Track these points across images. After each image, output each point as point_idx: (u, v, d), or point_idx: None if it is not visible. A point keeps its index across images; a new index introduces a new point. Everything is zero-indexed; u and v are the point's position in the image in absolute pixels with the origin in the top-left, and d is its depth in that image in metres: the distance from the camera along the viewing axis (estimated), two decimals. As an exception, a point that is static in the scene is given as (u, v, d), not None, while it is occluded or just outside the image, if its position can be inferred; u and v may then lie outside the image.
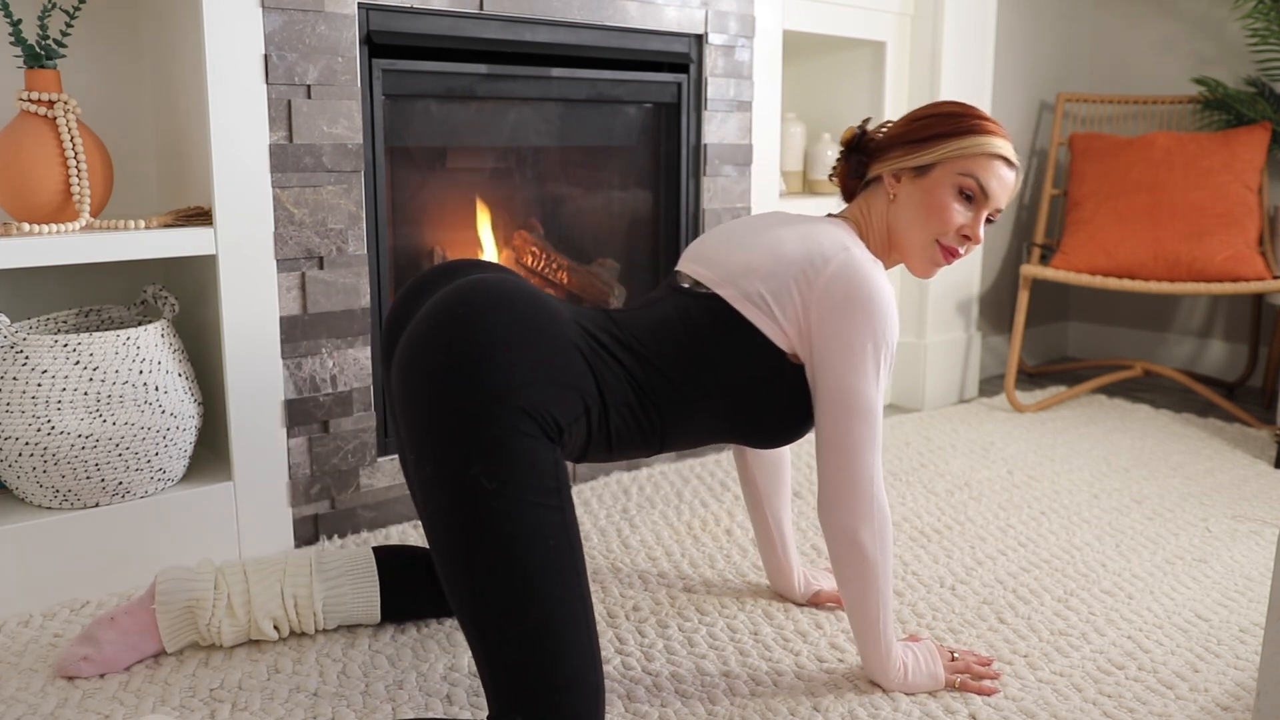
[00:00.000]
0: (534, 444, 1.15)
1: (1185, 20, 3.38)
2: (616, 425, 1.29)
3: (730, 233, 1.43)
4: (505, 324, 1.19)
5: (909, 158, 1.40)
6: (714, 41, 2.34)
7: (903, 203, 1.42)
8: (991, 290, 3.41)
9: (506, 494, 1.13)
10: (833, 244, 1.33)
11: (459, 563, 1.15)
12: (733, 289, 1.34)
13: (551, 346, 1.22)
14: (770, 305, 1.32)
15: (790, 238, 1.36)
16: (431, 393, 1.16)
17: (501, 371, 1.16)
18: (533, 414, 1.16)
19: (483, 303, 1.21)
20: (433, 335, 1.19)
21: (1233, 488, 2.28)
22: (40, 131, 1.63)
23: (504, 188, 2.28)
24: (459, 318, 1.19)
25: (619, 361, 1.30)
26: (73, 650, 1.42)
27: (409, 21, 1.90)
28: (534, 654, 1.13)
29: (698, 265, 1.41)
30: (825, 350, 1.31)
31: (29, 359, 1.58)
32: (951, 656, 1.46)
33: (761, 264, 1.34)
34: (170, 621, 1.44)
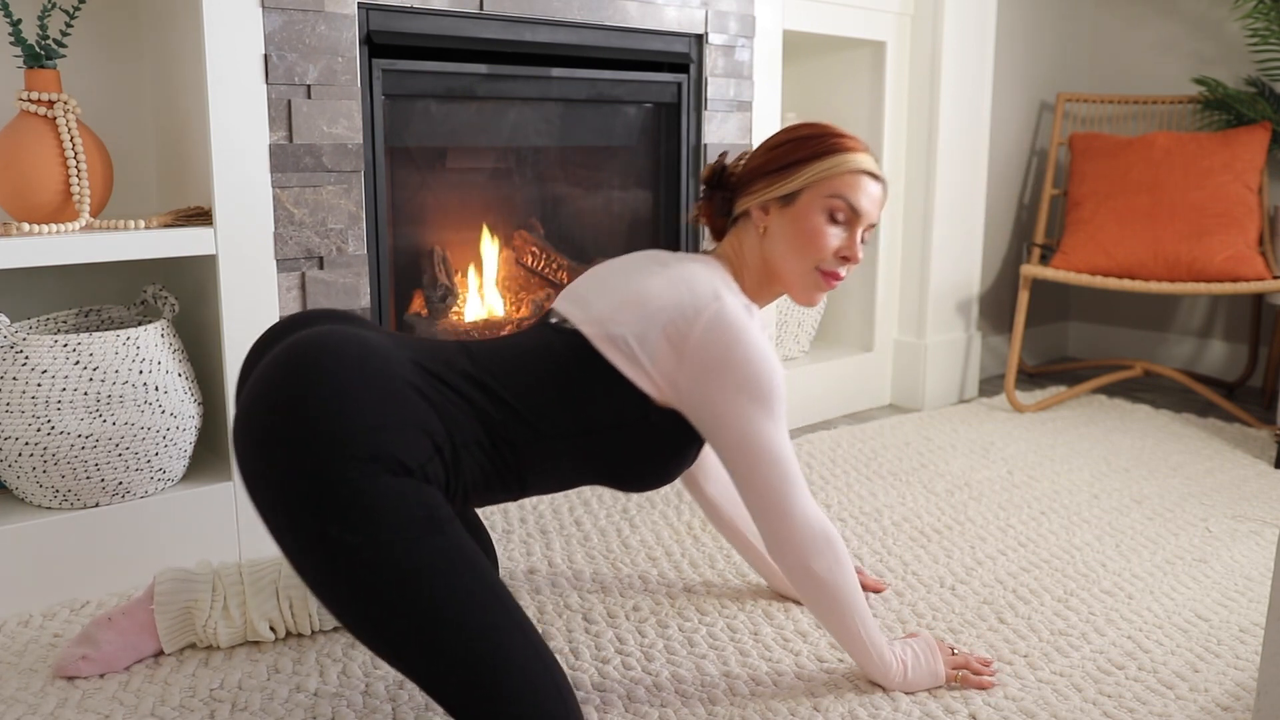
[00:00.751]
0: (385, 482, 1.09)
1: (1185, 20, 3.38)
2: (469, 466, 1.22)
3: (604, 273, 1.39)
4: (328, 377, 1.13)
5: (773, 188, 1.38)
6: (714, 41, 2.34)
7: (774, 234, 1.39)
8: (991, 290, 3.41)
9: (374, 542, 1.07)
10: (704, 292, 1.29)
11: (362, 624, 1.11)
12: (597, 329, 1.30)
13: (383, 389, 1.15)
14: (635, 351, 1.27)
15: (659, 283, 1.31)
16: (266, 465, 1.10)
17: (330, 424, 1.09)
18: (375, 457, 1.09)
19: (301, 361, 1.15)
20: (255, 406, 1.13)
21: (1233, 488, 2.28)
22: (40, 131, 1.63)
23: (504, 188, 2.28)
24: (277, 382, 1.13)
25: (465, 398, 1.23)
26: (71, 650, 1.42)
27: (409, 21, 1.90)
28: (475, 677, 1.10)
29: (568, 303, 1.36)
30: (710, 412, 1.28)
31: (29, 359, 1.58)
32: (952, 651, 1.46)
33: (629, 308, 1.30)
34: (168, 623, 1.45)
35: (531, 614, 1.63)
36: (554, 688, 1.13)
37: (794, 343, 2.83)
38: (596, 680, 1.44)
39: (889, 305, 2.98)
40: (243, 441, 1.13)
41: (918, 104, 2.87)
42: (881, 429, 2.73)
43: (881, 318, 2.96)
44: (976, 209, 3.01)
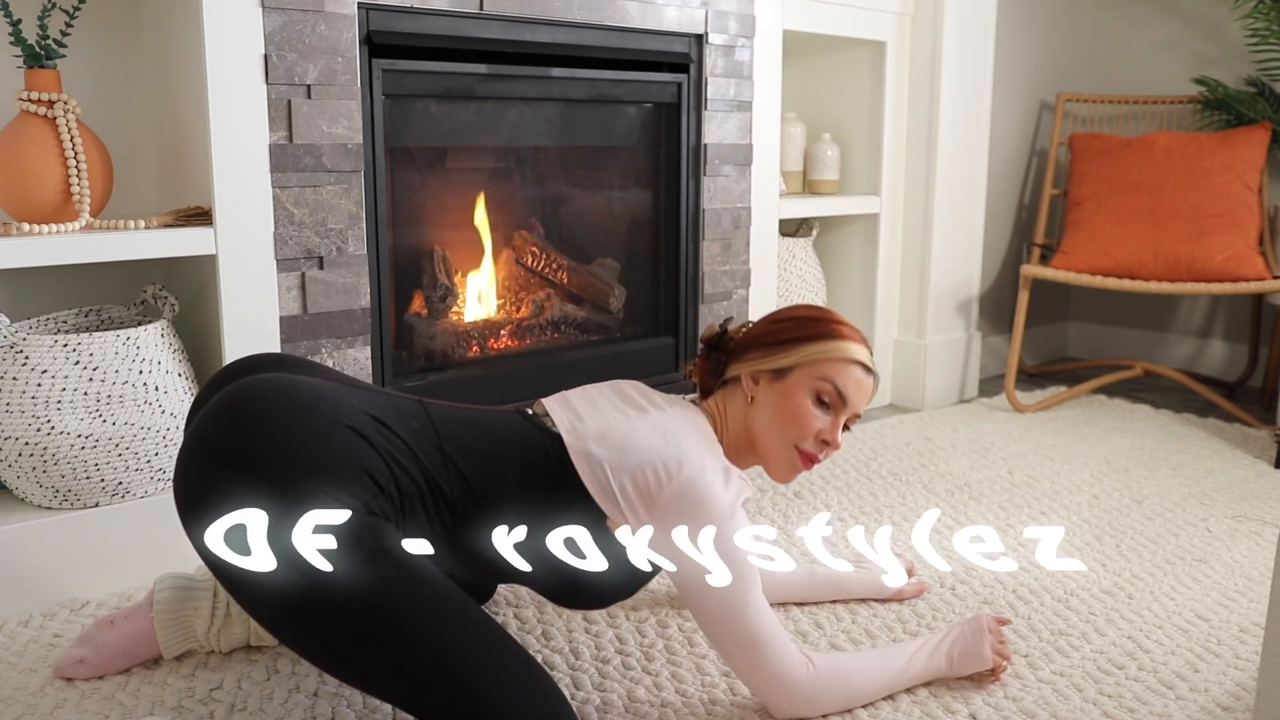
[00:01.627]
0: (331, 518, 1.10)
1: (1185, 20, 3.38)
2: (411, 515, 1.21)
3: (595, 394, 1.39)
4: (259, 424, 1.14)
5: (767, 360, 1.40)
6: (714, 41, 2.34)
7: (760, 405, 1.40)
8: (991, 290, 3.41)
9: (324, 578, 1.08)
10: (686, 452, 1.28)
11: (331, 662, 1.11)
12: (578, 442, 1.29)
13: (318, 431, 1.16)
14: (608, 478, 1.27)
15: (643, 426, 1.31)
16: (205, 516, 1.10)
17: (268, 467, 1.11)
18: (310, 498, 1.10)
19: (236, 411, 1.16)
20: (190, 460, 1.15)
21: (1233, 488, 2.28)
22: (40, 131, 1.63)
23: (504, 188, 2.28)
24: (210, 435, 1.15)
25: (413, 451, 1.23)
26: (70, 652, 1.42)
27: (409, 21, 1.90)
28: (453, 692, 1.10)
29: (557, 406, 1.36)
30: (690, 585, 1.26)
31: (29, 359, 1.58)
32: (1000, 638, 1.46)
33: (611, 438, 1.29)
34: (168, 630, 1.43)
35: (531, 614, 1.63)
36: (533, 687, 1.13)
37: (794, 343, 2.83)
38: (596, 680, 1.44)
39: (889, 305, 2.98)
40: (184, 494, 1.14)
41: (918, 104, 2.87)
42: (881, 429, 2.73)
43: (881, 318, 2.96)
44: (976, 209, 3.01)
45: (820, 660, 1.32)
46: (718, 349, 1.47)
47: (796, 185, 2.88)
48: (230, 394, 1.20)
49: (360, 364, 1.90)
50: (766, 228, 2.55)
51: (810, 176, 2.90)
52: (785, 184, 2.83)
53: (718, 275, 2.45)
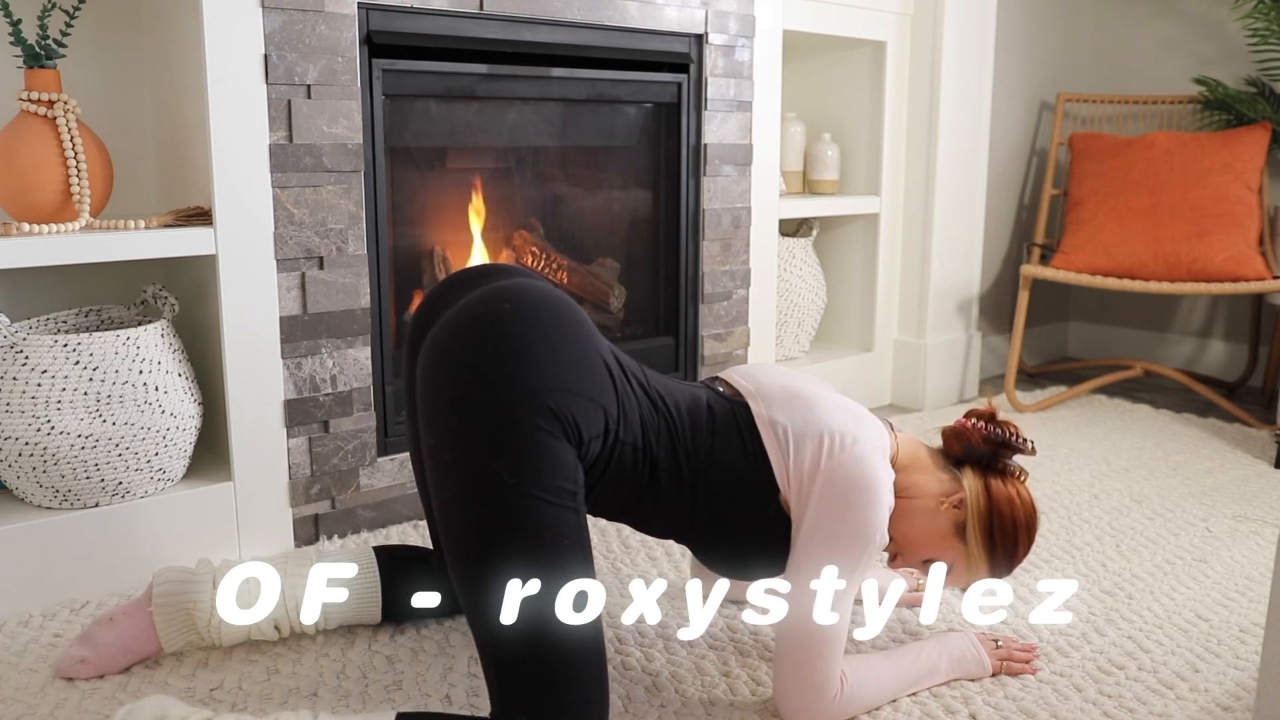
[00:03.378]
0: (558, 444, 1.16)
1: (1185, 20, 3.38)
2: (617, 459, 1.27)
3: (779, 370, 1.44)
4: (547, 327, 1.20)
5: (973, 534, 1.37)
6: (714, 41, 2.34)
7: (925, 514, 1.38)
8: (991, 290, 3.41)
9: (527, 490, 1.13)
10: (867, 435, 1.32)
11: (470, 555, 1.15)
12: (763, 407, 1.34)
13: (586, 359, 1.22)
14: (788, 443, 1.31)
15: (833, 400, 1.37)
16: (466, 380, 1.16)
17: (537, 370, 1.16)
18: (559, 416, 1.16)
19: (528, 303, 1.21)
20: (475, 325, 1.19)
21: (1233, 488, 2.28)
22: (40, 131, 1.63)
23: (504, 188, 2.28)
24: (504, 313, 1.20)
25: (639, 402, 1.29)
26: (71, 652, 1.42)
27: (409, 21, 1.90)
28: (540, 653, 1.13)
29: (739, 377, 1.42)
30: (804, 539, 1.29)
31: (29, 359, 1.58)
32: (995, 644, 1.49)
33: (799, 404, 1.34)
34: (168, 623, 1.44)
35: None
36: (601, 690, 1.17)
37: (794, 343, 2.83)
38: (596, 680, 1.44)
39: (889, 305, 2.98)
40: (450, 353, 1.19)
41: (918, 104, 2.87)
42: (881, 429, 2.72)
43: (881, 318, 2.96)
44: (976, 209, 3.01)
45: (850, 680, 1.33)
46: (992, 444, 1.39)
47: (796, 185, 2.88)
48: (525, 286, 1.25)
49: (360, 364, 1.90)
50: (766, 228, 2.55)
51: (810, 176, 2.90)
52: (785, 184, 2.83)
53: (718, 275, 2.45)
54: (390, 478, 1.98)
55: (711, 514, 1.33)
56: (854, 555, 1.27)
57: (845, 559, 1.27)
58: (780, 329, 2.77)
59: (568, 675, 1.14)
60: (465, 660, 1.48)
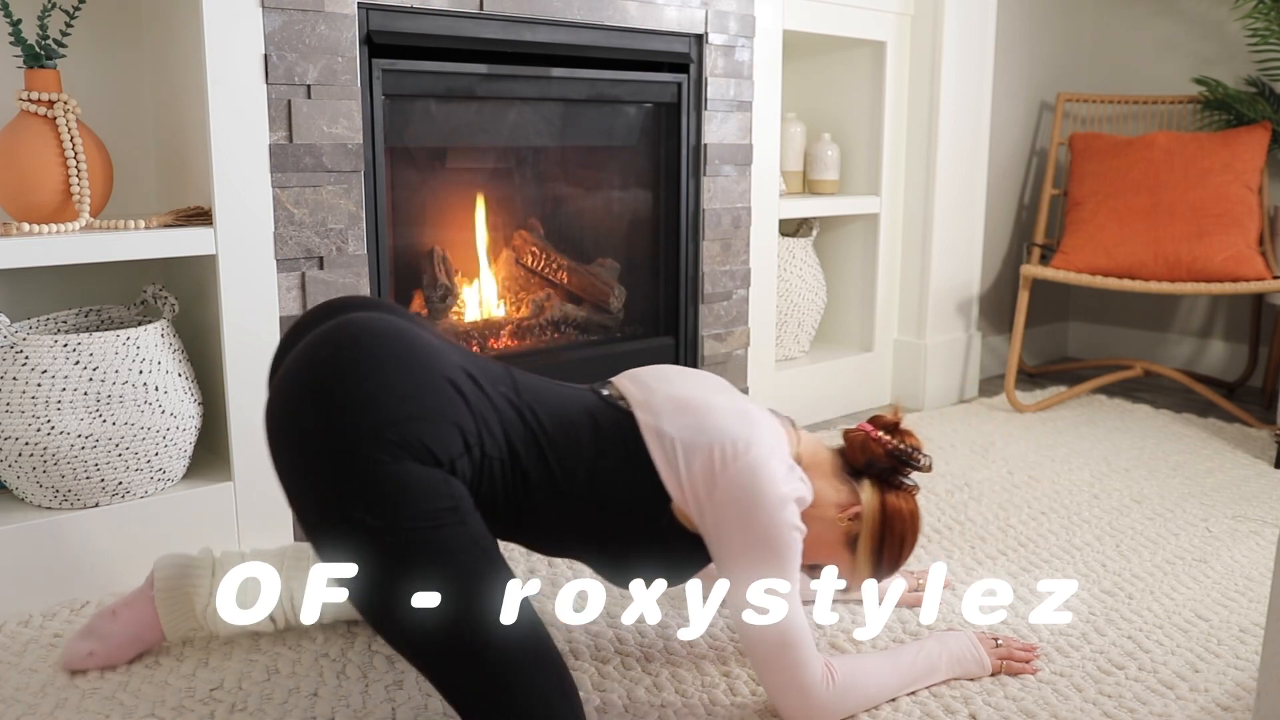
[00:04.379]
0: (412, 470, 1.11)
1: (1185, 20, 3.38)
2: (489, 474, 1.22)
3: (671, 373, 1.40)
4: (368, 361, 1.15)
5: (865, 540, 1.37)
6: (714, 41, 2.34)
7: (827, 523, 1.37)
8: (991, 290, 3.41)
9: (398, 527, 1.08)
10: (761, 437, 1.28)
11: (377, 607, 1.12)
12: (650, 418, 1.30)
13: (426, 383, 1.17)
14: (677, 455, 1.27)
15: (724, 404, 1.32)
16: (299, 441, 1.12)
17: (369, 407, 1.11)
18: (405, 445, 1.11)
19: (345, 342, 1.16)
20: (294, 383, 1.15)
21: (1233, 488, 2.28)
22: (40, 131, 1.63)
23: (504, 188, 2.28)
24: (324, 360, 1.15)
25: (500, 415, 1.24)
26: (78, 646, 1.42)
27: (409, 21, 1.90)
28: (487, 668, 1.11)
29: (630, 383, 1.37)
30: (724, 558, 1.27)
31: (29, 359, 1.58)
32: (995, 643, 1.49)
33: (688, 413, 1.30)
34: (169, 609, 1.45)
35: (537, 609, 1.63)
36: (560, 686, 1.15)
37: (794, 343, 2.83)
38: (596, 681, 1.44)
39: (889, 305, 2.98)
40: (277, 419, 1.14)
41: (918, 104, 2.87)
42: (881, 429, 2.72)
43: (881, 318, 2.96)
44: (976, 209, 3.01)
45: (840, 673, 1.32)
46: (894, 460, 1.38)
47: (796, 185, 2.88)
48: (345, 324, 1.19)
49: (360, 364, 1.90)
50: (766, 228, 2.55)
51: (810, 176, 2.90)
52: (785, 184, 2.83)
53: (718, 275, 2.45)
54: (390, 478, 1.97)
55: (601, 528, 1.30)
56: (777, 558, 1.25)
57: (771, 564, 1.25)
58: (780, 329, 2.77)
59: (520, 681, 1.11)
60: (465, 660, 1.48)
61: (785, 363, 2.80)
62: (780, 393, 2.69)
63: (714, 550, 1.29)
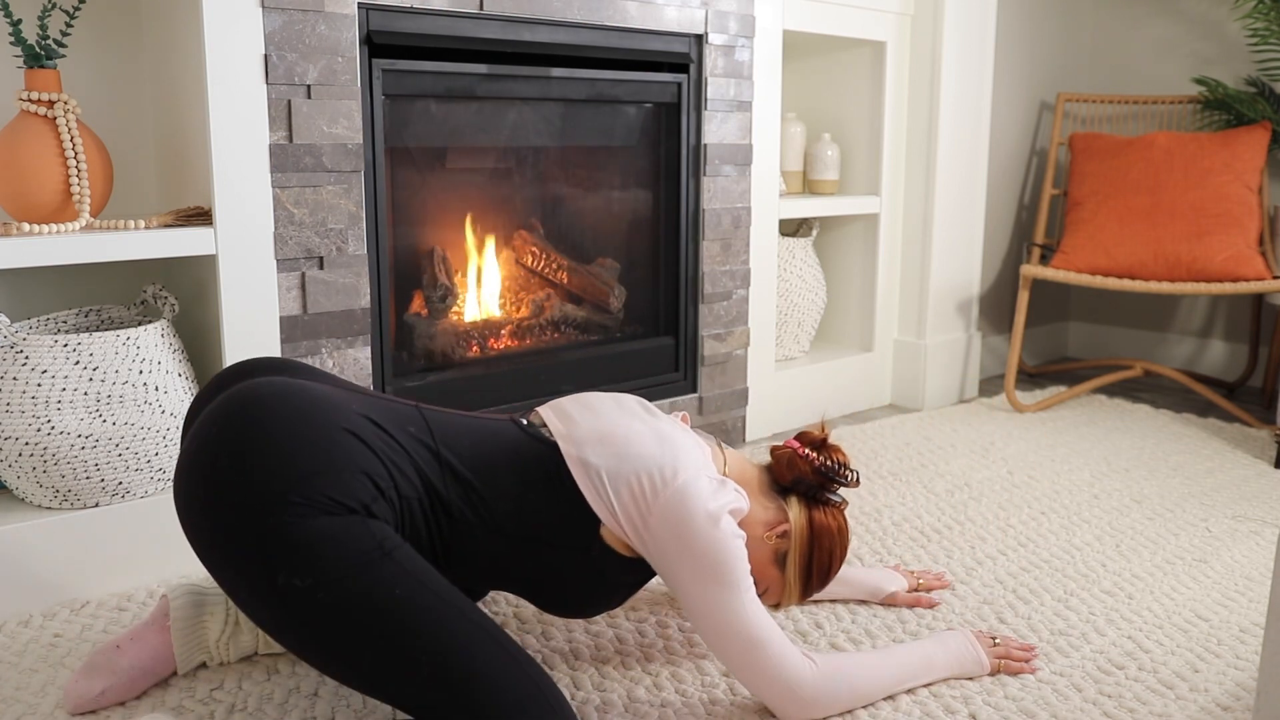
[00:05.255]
0: (322, 523, 1.11)
1: (1185, 20, 3.38)
2: (410, 516, 1.22)
3: (593, 401, 1.41)
4: (259, 429, 1.15)
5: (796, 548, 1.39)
6: (714, 41, 2.34)
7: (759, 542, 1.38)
8: (991, 290, 3.41)
9: (326, 582, 1.09)
10: (685, 461, 1.30)
11: (323, 659, 1.12)
12: (574, 449, 1.31)
13: (322, 436, 1.17)
14: (605, 485, 1.28)
15: (644, 431, 1.33)
16: (205, 522, 1.12)
17: (264, 474, 1.11)
18: (311, 502, 1.11)
19: (231, 417, 1.17)
20: (192, 467, 1.15)
21: (1233, 488, 2.28)
22: (40, 131, 1.63)
23: (504, 188, 2.28)
24: (211, 437, 1.16)
25: (410, 455, 1.24)
26: (86, 685, 1.34)
27: (409, 21, 1.90)
28: (452, 692, 1.11)
29: (552, 414, 1.38)
30: (673, 582, 1.28)
31: (29, 359, 1.58)
32: (993, 641, 1.49)
33: (609, 443, 1.31)
34: (184, 640, 1.41)
35: (531, 613, 1.63)
36: (533, 687, 1.14)
37: (794, 343, 2.83)
38: (596, 680, 1.44)
39: (889, 305, 2.98)
40: (183, 500, 1.15)
41: (918, 104, 2.87)
42: (881, 429, 2.73)
43: (881, 318, 2.96)
44: (976, 209, 3.01)
45: (822, 659, 1.32)
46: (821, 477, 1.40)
47: (796, 185, 2.88)
48: (229, 399, 1.20)
49: (360, 364, 1.90)
50: (766, 228, 2.55)
51: (810, 176, 2.90)
52: (785, 184, 2.83)
53: (718, 275, 2.45)
54: (390, 478, 1.97)
55: (534, 561, 1.30)
56: (723, 571, 1.26)
57: (719, 578, 1.26)
58: (780, 329, 2.77)
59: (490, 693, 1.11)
60: (465, 660, 1.48)
61: (785, 363, 2.80)
62: (780, 393, 2.69)
63: (663, 574, 1.30)
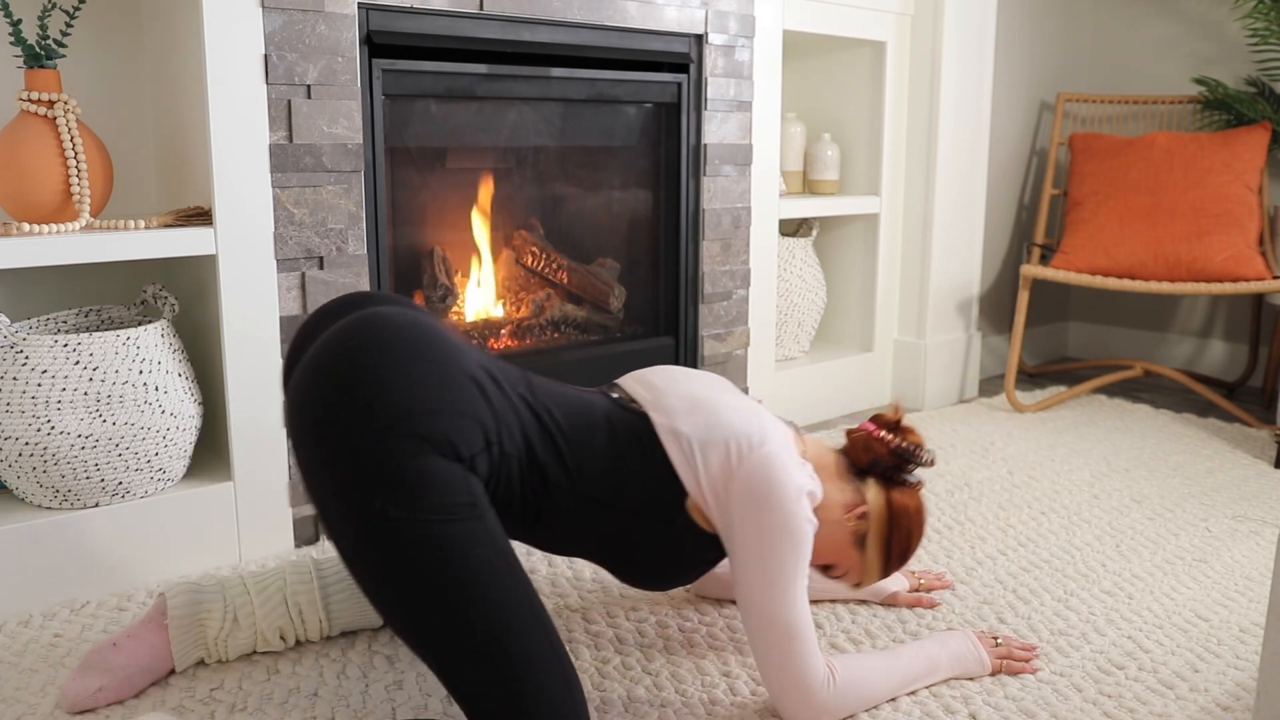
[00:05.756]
0: (435, 464, 1.12)
1: (1185, 20, 3.38)
2: (507, 474, 1.23)
3: (677, 374, 1.42)
4: (399, 353, 1.16)
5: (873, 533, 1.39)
6: (714, 41, 2.34)
7: (835, 525, 1.39)
8: (991, 290, 3.41)
9: (417, 519, 1.09)
10: (772, 435, 1.31)
11: (386, 595, 1.12)
12: (665, 419, 1.32)
13: (450, 378, 1.18)
14: (695, 453, 1.30)
15: (734, 403, 1.35)
16: (323, 431, 1.12)
17: (396, 399, 1.12)
18: (430, 438, 1.12)
19: (368, 335, 1.17)
20: (318, 373, 1.15)
21: (1233, 488, 2.28)
22: (40, 131, 1.63)
23: (504, 188, 2.28)
24: (345, 352, 1.16)
25: (518, 415, 1.25)
26: (83, 683, 1.34)
27: (409, 21, 1.90)
28: (491, 667, 1.11)
29: (638, 386, 1.39)
30: (738, 549, 1.29)
31: (29, 359, 1.58)
32: (995, 642, 1.49)
33: (700, 412, 1.33)
34: (182, 638, 1.41)
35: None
36: (566, 686, 1.15)
37: (794, 343, 2.83)
38: (596, 680, 1.44)
39: (889, 305, 2.98)
40: (300, 409, 1.15)
41: (918, 104, 2.87)
42: (881, 429, 2.72)
43: (881, 318, 2.96)
44: (976, 209, 3.01)
45: (841, 673, 1.32)
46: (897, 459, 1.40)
47: (796, 185, 2.88)
48: (366, 319, 1.20)
49: (360, 364, 1.90)
50: (766, 228, 2.55)
51: (810, 176, 2.90)
52: (785, 184, 2.83)
53: (718, 275, 2.45)
54: (390, 478, 1.97)
55: (618, 529, 1.31)
56: (789, 548, 1.27)
57: (783, 559, 1.27)
58: (780, 329, 2.77)
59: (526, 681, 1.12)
60: (465, 660, 1.48)
61: (785, 363, 2.80)
62: (780, 393, 2.69)
63: (728, 543, 1.30)
